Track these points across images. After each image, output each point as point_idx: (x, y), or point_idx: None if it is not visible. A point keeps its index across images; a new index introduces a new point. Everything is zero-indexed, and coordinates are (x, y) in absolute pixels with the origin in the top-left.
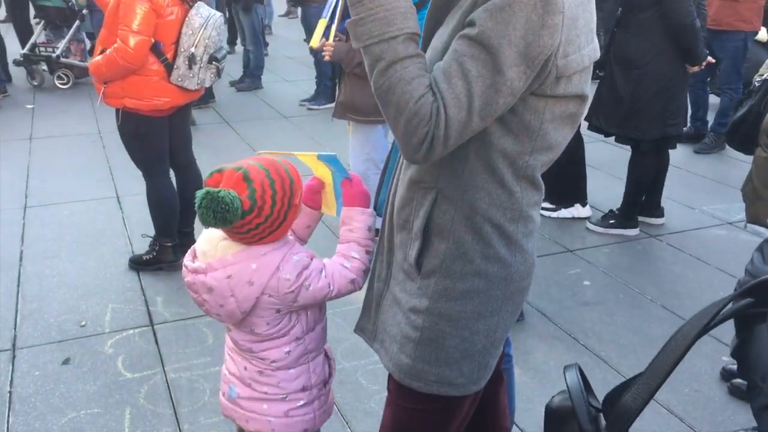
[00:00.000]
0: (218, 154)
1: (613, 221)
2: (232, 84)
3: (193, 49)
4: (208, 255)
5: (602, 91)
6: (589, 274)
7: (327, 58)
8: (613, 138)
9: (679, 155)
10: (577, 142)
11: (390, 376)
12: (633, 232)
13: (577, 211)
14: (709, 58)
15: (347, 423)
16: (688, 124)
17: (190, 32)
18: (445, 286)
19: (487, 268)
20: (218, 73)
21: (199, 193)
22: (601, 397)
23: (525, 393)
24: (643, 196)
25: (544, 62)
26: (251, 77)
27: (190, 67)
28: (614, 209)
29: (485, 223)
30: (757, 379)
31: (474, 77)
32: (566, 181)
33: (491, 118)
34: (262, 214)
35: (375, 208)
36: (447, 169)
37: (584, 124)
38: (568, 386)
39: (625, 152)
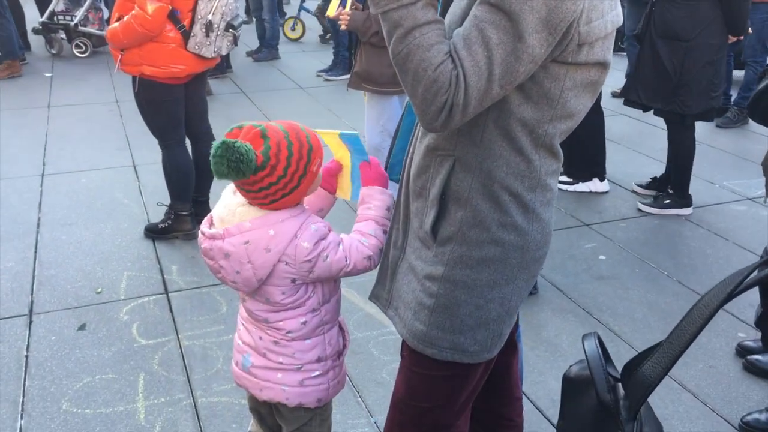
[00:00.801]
0: (234, 123)
1: (668, 201)
2: (249, 54)
3: (210, 17)
4: (226, 221)
5: (642, 65)
6: (604, 249)
7: (343, 26)
8: (634, 111)
9: (700, 129)
10: (596, 114)
11: (404, 342)
12: (688, 210)
13: (594, 185)
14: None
15: (358, 392)
16: None
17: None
18: (461, 253)
19: (503, 237)
20: (235, 41)
21: (216, 143)
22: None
23: (537, 366)
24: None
25: (566, 29)
26: (268, 47)
27: (207, 35)
28: (668, 189)
29: (503, 191)
30: None
31: (495, 44)
32: (584, 154)
33: (511, 86)
34: (275, 174)
35: (386, 170)
36: (465, 137)
37: (610, 102)
38: (586, 355)
39: (646, 126)
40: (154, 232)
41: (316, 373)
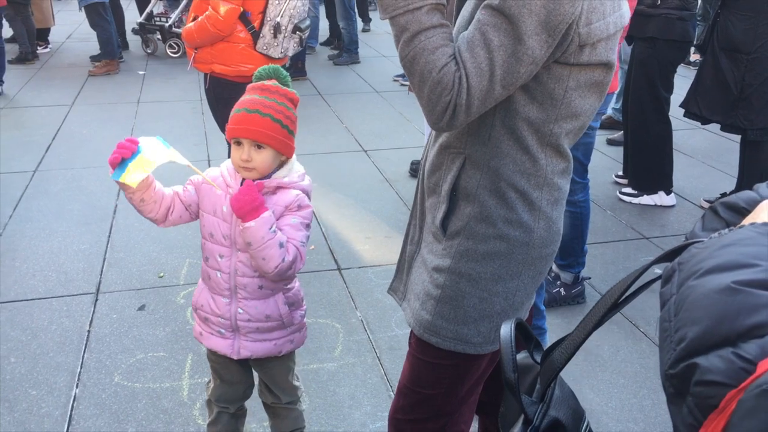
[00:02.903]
0: (307, 123)
1: None
2: (331, 58)
3: (278, 19)
4: None
5: (703, 77)
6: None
7: None
8: (710, 125)
9: None
10: (662, 125)
11: (411, 331)
12: None
13: (660, 198)
14: None
15: (391, 387)
16: None
17: (277, 2)
18: (468, 247)
19: (508, 232)
20: (301, 43)
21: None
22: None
23: (573, 374)
24: None
25: (565, 30)
26: (348, 52)
27: (275, 36)
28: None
29: (509, 188)
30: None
31: (496, 46)
32: (650, 166)
33: (513, 87)
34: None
35: None
36: (474, 136)
37: (680, 111)
38: (500, 339)
39: (724, 141)
40: None
41: None
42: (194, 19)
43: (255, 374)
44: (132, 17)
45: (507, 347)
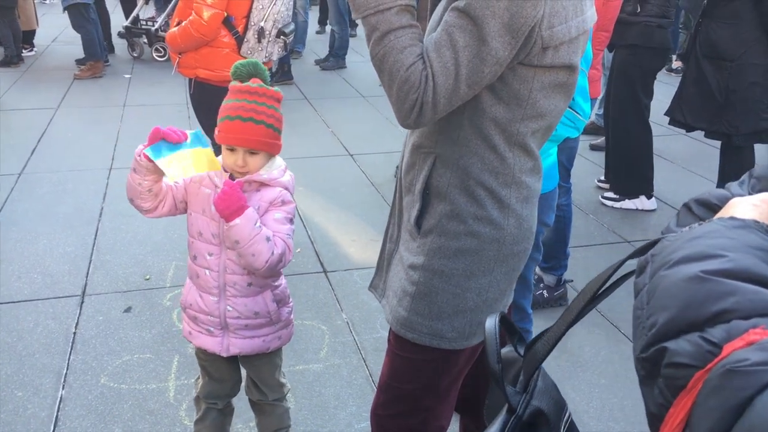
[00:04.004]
0: (293, 127)
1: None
2: (317, 63)
3: (262, 23)
4: None
5: (687, 84)
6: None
7: None
8: (691, 131)
9: (758, 151)
10: (643, 131)
11: (390, 328)
12: None
13: (641, 203)
14: None
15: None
16: None
17: (261, 7)
18: (440, 244)
19: (479, 229)
20: (285, 48)
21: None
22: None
23: (556, 375)
24: None
25: (528, 33)
26: (335, 57)
27: (259, 41)
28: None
29: (478, 186)
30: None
31: (461, 47)
32: (631, 171)
33: (478, 87)
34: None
35: None
36: (444, 135)
37: (660, 117)
38: (485, 331)
39: (704, 146)
40: None
41: None
42: (178, 23)
43: (242, 371)
44: (117, 20)
45: (492, 339)
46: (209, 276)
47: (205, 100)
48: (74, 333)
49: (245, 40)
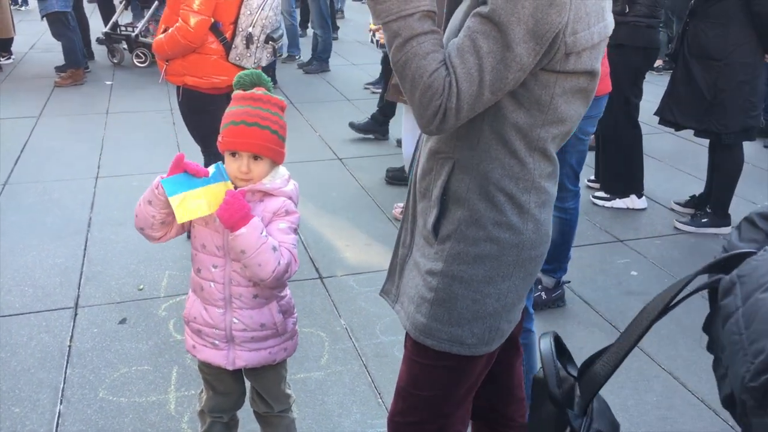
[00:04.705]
0: None
1: (705, 220)
2: (301, 66)
3: (250, 29)
4: None
5: (676, 84)
6: (637, 265)
7: (382, 40)
8: (680, 130)
9: (746, 149)
10: (633, 130)
11: (407, 334)
12: (726, 230)
13: (632, 202)
14: None
15: (380, 394)
16: None
17: (249, 12)
18: (459, 250)
19: (498, 235)
20: (274, 53)
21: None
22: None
23: None
24: (734, 191)
25: (552, 39)
26: (319, 60)
27: (247, 47)
28: (707, 208)
29: (498, 192)
30: (718, 351)
31: (485, 53)
32: (622, 171)
33: (502, 93)
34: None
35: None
36: (463, 141)
37: (654, 119)
38: (540, 353)
39: (690, 144)
40: None
41: None
42: (165, 30)
43: (246, 382)
44: (95, 26)
45: (549, 362)
46: (214, 288)
47: (194, 107)
48: (69, 346)
49: (233, 46)
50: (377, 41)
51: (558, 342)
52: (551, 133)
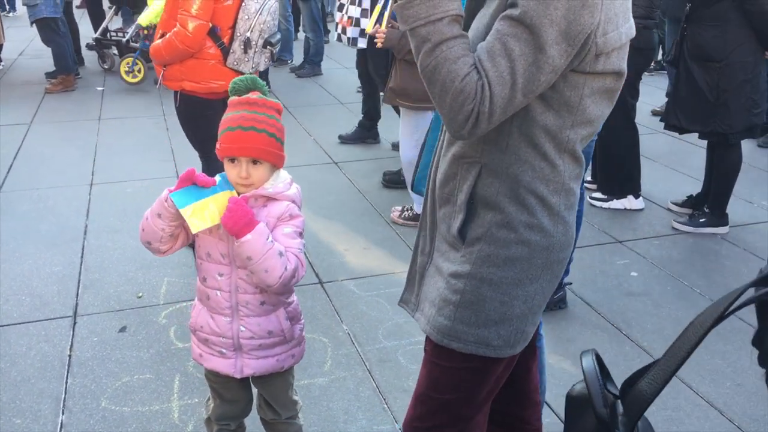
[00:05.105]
0: None
1: (703, 220)
2: (293, 70)
3: (248, 34)
4: None
5: (679, 88)
6: (637, 265)
7: (379, 44)
8: (671, 130)
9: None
10: (630, 131)
11: (427, 338)
12: (724, 229)
13: (629, 202)
14: None
15: (385, 399)
16: None
17: (246, 17)
18: (489, 252)
19: (529, 237)
20: (272, 57)
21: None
22: None
23: (563, 378)
24: (732, 190)
25: (584, 40)
26: (311, 64)
27: (245, 51)
28: (704, 208)
29: (529, 194)
30: None
31: (517, 56)
32: (619, 171)
33: (533, 95)
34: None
35: (411, 187)
36: (491, 145)
37: (647, 119)
38: (584, 371)
39: (683, 144)
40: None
41: None
42: (162, 35)
43: (253, 389)
44: (84, 31)
45: (594, 381)
46: (221, 297)
47: (192, 112)
48: (69, 356)
49: (231, 51)
50: (350, 39)
51: (598, 359)
52: (580, 134)
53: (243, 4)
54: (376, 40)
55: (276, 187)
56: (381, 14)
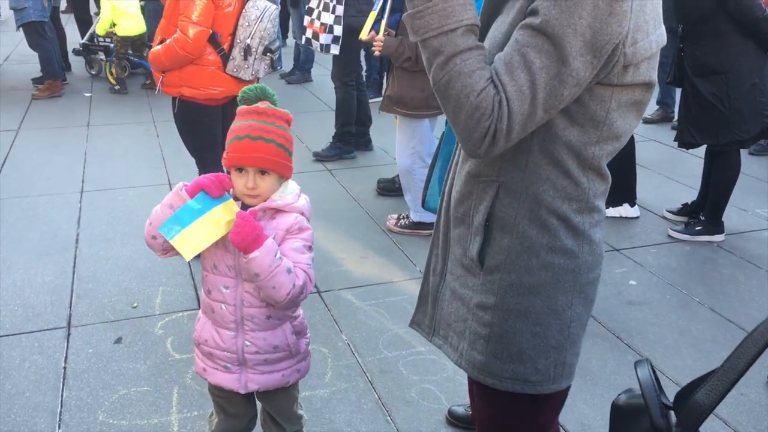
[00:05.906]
0: None
1: (699, 228)
2: (283, 77)
3: (248, 41)
4: None
5: (688, 107)
6: (635, 274)
7: (377, 52)
8: (666, 137)
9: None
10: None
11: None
12: (720, 237)
13: (625, 210)
14: None
15: (388, 411)
16: None
17: (247, 24)
18: (511, 281)
19: (553, 261)
20: (272, 65)
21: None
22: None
23: None
24: (729, 197)
25: (611, 51)
26: (301, 70)
27: (245, 58)
28: (700, 216)
29: (550, 215)
30: None
31: (537, 68)
32: (615, 179)
33: (556, 110)
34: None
35: (423, 203)
36: (509, 163)
37: (649, 126)
38: (640, 382)
39: (676, 152)
40: None
41: None
42: (161, 41)
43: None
44: (71, 36)
45: (651, 392)
46: (225, 310)
47: (190, 118)
48: (64, 368)
49: (231, 57)
50: (323, 45)
51: (653, 370)
52: (606, 150)
53: (243, 10)
54: (373, 48)
55: (285, 199)
56: (377, 22)
